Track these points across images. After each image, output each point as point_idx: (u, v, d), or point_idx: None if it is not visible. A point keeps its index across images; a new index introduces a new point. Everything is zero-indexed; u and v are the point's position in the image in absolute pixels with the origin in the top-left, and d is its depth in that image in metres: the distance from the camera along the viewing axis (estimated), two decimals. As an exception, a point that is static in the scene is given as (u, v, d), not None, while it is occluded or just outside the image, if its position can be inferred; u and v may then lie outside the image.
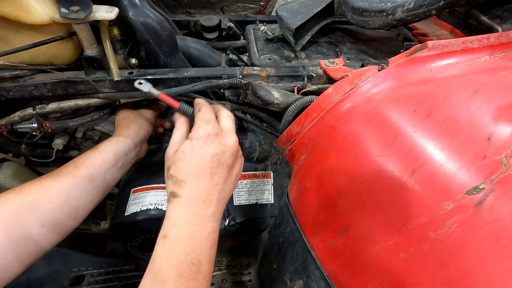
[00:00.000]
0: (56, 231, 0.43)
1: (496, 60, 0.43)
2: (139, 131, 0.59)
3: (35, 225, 0.40)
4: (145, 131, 0.60)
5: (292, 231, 0.50)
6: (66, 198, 0.44)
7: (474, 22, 0.63)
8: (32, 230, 0.40)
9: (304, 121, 0.50)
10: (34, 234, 0.40)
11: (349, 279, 0.39)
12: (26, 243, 0.39)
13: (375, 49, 0.67)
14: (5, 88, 0.52)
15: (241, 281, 0.73)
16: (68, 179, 0.45)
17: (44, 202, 0.42)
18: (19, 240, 0.39)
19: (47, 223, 0.42)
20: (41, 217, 0.41)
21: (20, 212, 0.40)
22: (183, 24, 0.82)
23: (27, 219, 0.40)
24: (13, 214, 0.39)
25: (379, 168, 0.36)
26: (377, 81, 0.44)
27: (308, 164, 0.48)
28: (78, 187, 0.46)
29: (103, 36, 0.49)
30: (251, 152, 0.69)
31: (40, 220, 0.41)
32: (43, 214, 0.41)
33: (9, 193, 0.42)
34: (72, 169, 0.47)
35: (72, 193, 0.45)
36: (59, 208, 0.43)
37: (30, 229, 0.40)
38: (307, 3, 0.66)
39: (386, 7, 0.54)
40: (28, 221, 0.40)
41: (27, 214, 0.40)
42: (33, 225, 0.40)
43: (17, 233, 0.39)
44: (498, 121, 0.33)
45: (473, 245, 0.29)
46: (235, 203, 0.71)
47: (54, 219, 0.43)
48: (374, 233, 0.35)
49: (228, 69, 0.60)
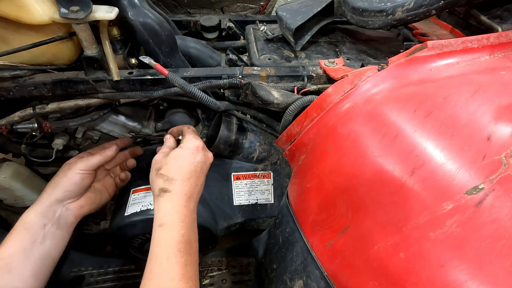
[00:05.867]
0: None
1: (496, 60, 0.43)
2: (56, 190, 0.52)
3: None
4: (65, 185, 0.52)
5: (292, 231, 0.50)
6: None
7: (474, 22, 0.63)
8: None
9: (304, 121, 0.50)
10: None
11: (348, 279, 0.39)
12: None
13: (375, 49, 0.67)
14: (5, 88, 0.52)
15: (241, 281, 0.73)
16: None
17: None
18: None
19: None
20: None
21: None
22: (183, 24, 0.82)
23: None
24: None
25: (379, 168, 0.36)
26: (377, 81, 0.44)
27: (308, 164, 0.48)
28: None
29: (103, 36, 0.49)
30: (251, 152, 0.69)
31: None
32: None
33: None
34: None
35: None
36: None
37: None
38: (307, 3, 0.66)
39: (386, 7, 0.54)
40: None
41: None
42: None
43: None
44: (498, 121, 0.33)
45: (473, 245, 0.29)
46: (235, 203, 0.71)
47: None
48: (374, 233, 0.35)
49: (228, 69, 0.60)
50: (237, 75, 0.57)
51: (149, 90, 0.57)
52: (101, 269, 0.74)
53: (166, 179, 0.49)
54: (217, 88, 0.59)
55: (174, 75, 0.51)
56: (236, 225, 0.72)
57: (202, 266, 0.76)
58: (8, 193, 0.72)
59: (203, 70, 0.59)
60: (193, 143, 0.53)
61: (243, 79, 0.55)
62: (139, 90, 0.57)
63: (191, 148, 0.52)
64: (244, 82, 0.54)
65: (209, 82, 0.56)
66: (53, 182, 0.53)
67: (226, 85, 0.56)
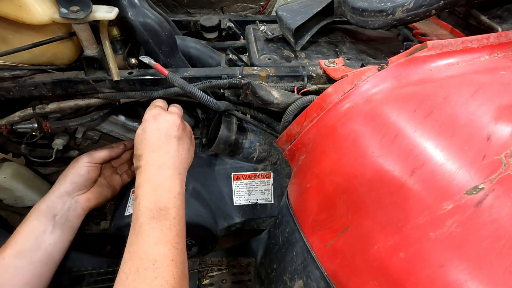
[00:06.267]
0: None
1: (496, 60, 0.43)
2: (64, 182, 0.54)
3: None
4: (73, 178, 0.54)
5: (292, 231, 0.50)
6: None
7: (474, 22, 0.63)
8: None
9: (304, 121, 0.50)
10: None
11: (348, 279, 0.39)
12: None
13: (375, 49, 0.67)
14: (5, 88, 0.52)
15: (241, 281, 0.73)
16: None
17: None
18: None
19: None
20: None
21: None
22: (183, 24, 0.82)
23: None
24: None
25: (379, 168, 0.36)
26: (377, 81, 0.44)
27: (308, 164, 0.48)
28: (7, 268, 0.46)
29: (103, 36, 0.49)
30: (251, 152, 0.69)
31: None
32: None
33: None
34: (1, 249, 0.47)
35: (3, 276, 0.45)
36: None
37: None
38: (307, 3, 0.66)
39: (386, 7, 0.54)
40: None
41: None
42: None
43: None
44: (498, 121, 0.33)
45: (473, 245, 0.29)
46: (235, 203, 0.71)
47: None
48: (374, 233, 0.35)
49: (228, 69, 0.60)
50: (237, 75, 0.57)
51: (149, 90, 0.57)
52: (101, 269, 0.74)
53: (136, 157, 0.50)
54: (217, 88, 0.59)
55: (174, 75, 0.51)
56: (236, 225, 0.72)
57: (202, 266, 0.76)
58: (8, 193, 0.72)
59: (203, 70, 0.59)
60: (148, 114, 0.52)
61: (243, 79, 0.55)
62: (139, 90, 0.57)
63: (147, 119, 0.51)
64: (244, 82, 0.54)
65: (209, 82, 0.56)
66: (62, 175, 0.55)
67: (226, 85, 0.56)
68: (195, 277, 0.74)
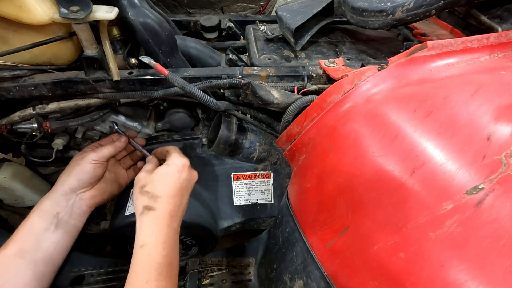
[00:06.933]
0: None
1: (496, 60, 0.43)
2: (69, 179, 0.53)
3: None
4: (79, 175, 0.53)
5: (292, 231, 0.50)
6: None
7: (474, 22, 0.63)
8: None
9: (304, 121, 0.50)
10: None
11: (348, 279, 0.39)
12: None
13: (375, 49, 0.67)
14: (5, 88, 0.52)
15: (241, 281, 0.73)
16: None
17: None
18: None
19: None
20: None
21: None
22: (183, 24, 0.82)
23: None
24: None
25: (379, 168, 0.36)
26: (377, 81, 0.44)
27: (308, 164, 0.48)
28: (8, 266, 0.45)
29: (103, 36, 0.49)
30: (251, 152, 0.69)
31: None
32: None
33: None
34: (4, 245, 0.47)
35: (4, 275, 0.45)
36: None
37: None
38: (307, 3, 0.66)
39: (386, 7, 0.54)
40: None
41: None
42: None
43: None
44: (497, 121, 0.33)
45: (473, 245, 0.29)
46: (235, 203, 0.71)
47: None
48: (374, 233, 0.35)
49: (228, 69, 0.60)
50: (237, 75, 0.57)
51: (149, 90, 0.57)
52: (101, 269, 0.74)
53: (151, 196, 0.48)
54: (217, 88, 0.58)
55: (174, 75, 0.51)
56: (236, 225, 0.72)
57: (202, 266, 0.76)
58: (8, 193, 0.72)
59: (203, 70, 0.59)
60: (179, 161, 0.53)
61: (243, 79, 0.55)
62: (139, 90, 0.57)
63: (177, 165, 0.52)
64: (244, 82, 0.54)
65: (209, 82, 0.56)
66: (66, 171, 0.54)
67: (226, 85, 0.56)
68: (195, 277, 0.74)
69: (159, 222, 0.46)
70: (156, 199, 0.48)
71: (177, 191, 0.50)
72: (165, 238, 0.45)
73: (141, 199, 0.48)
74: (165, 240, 0.45)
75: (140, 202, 0.48)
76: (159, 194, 0.48)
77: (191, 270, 0.74)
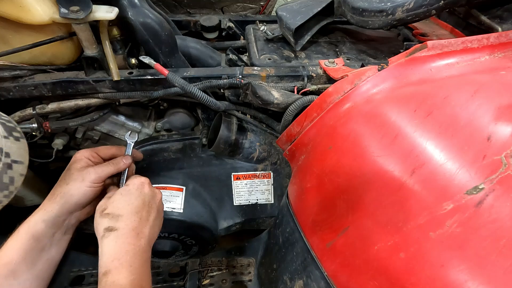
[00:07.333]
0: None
1: (496, 60, 0.43)
2: (70, 200, 0.49)
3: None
4: (79, 199, 0.49)
5: (292, 231, 0.50)
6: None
7: (474, 22, 0.63)
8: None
9: (304, 121, 0.50)
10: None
11: (349, 279, 0.39)
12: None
13: (375, 49, 0.67)
14: (5, 88, 0.52)
15: (241, 281, 0.73)
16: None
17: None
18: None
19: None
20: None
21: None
22: (183, 24, 0.82)
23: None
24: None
25: (379, 168, 0.36)
26: (377, 81, 0.44)
27: (308, 164, 0.48)
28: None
29: (103, 36, 0.49)
30: (251, 152, 0.69)
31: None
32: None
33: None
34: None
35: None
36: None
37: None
38: (307, 3, 0.66)
39: (386, 7, 0.54)
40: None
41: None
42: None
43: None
44: (498, 121, 0.33)
45: (473, 245, 0.29)
46: (235, 203, 0.71)
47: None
48: (374, 233, 0.35)
49: (228, 69, 0.60)
50: (237, 75, 0.57)
51: (149, 90, 0.57)
52: (101, 269, 0.74)
53: (111, 217, 0.45)
54: (217, 88, 0.58)
55: (174, 75, 0.51)
56: (236, 225, 0.72)
57: (202, 266, 0.76)
58: (8, 193, 0.72)
59: (203, 70, 0.59)
60: (138, 179, 0.51)
61: (243, 79, 0.55)
62: (139, 90, 0.57)
63: (136, 183, 0.50)
64: (244, 82, 0.54)
65: (209, 82, 0.56)
66: (63, 190, 0.49)
67: (226, 85, 0.56)
68: (195, 277, 0.74)
69: (123, 241, 0.43)
70: (118, 218, 0.45)
71: (140, 207, 0.47)
72: (131, 259, 0.41)
73: (102, 222, 0.45)
74: (131, 262, 0.41)
75: (100, 225, 0.45)
76: (120, 213, 0.45)
77: (191, 270, 0.75)
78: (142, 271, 0.42)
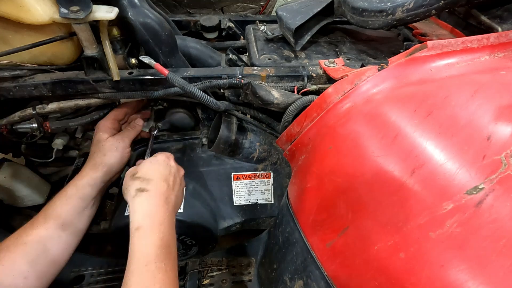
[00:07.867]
0: (40, 279, 0.46)
1: (496, 60, 0.43)
2: (111, 168, 0.57)
3: (19, 279, 0.43)
4: (117, 165, 0.58)
5: (292, 231, 0.50)
6: (42, 250, 0.47)
7: (474, 22, 0.63)
8: (17, 284, 0.43)
9: (304, 121, 0.50)
10: (20, 286, 0.43)
11: (349, 279, 0.39)
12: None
13: (375, 49, 0.67)
14: (5, 88, 0.52)
15: (241, 281, 0.73)
16: (40, 232, 0.47)
17: (21, 258, 0.44)
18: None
19: (29, 275, 0.44)
20: (22, 271, 0.44)
21: (2, 269, 0.43)
22: (183, 24, 0.82)
23: (10, 274, 0.43)
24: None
25: (379, 168, 0.36)
26: (377, 81, 0.44)
27: (308, 164, 0.48)
28: (51, 238, 0.48)
29: (103, 36, 0.49)
30: (251, 152, 0.69)
31: (22, 274, 0.44)
32: (22, 268, 0.44)
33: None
34: (42, 221, 0.49)
35: (47, 245, 0.47)
36: (36, 261, 0.46)
37: (14, 282, 0.43)
38: (307, 3, 0.66)
39: (386, 7, 0.54)
40: (10, 276, 0.43)
41: (9, 270, 0.43)
42: (17, 278, 0.43)
43: (4, 287, 0.41)
44: (498, 121, 0.33)
45: (473, 245, 0.29)
46: (235, 203, 0.71)
47: (35, 270, 0.45)
48: (374, 233, 0.35)
49: (228, 69, 0.60)
50: (237, 75, 0.57)
51: (149, 90, 0.57)
52: (101, 269, 0.74)
53: (142, 179, 0.48)
54: (217, 88, 0.59)
55: (174, 75, 0.51)
56: (236, 225, 0.72)
57: (202, 266, 0.76)
58: (8, 193, 0.72)
59: (203, 70, 0.59)
60: (164, 153, 0.55)
61: (243, 79, 0.55)
62: (139, 90, 0.57)
63: (163, 156, 0.54)
64: (244, 82, 0.54)
65: (209, 82, 0.56)
66: (103, 161, 0.56)
67: (226, 85, 0.56)
68: (195, 277, 0.74)
69: (153, 203, 0.46)
70: (149, 182, 0.48)
71: (168, 176, 0.51)
72: (161, 219, 0.45)
73: (133, 184, 0.48)
74: (161, 221, 0.45)
75: (132, 187, 0.48)
76: (150, 177, 0.49)
77: (191, 270, 0.75)
78: (170, 233, 0.45)
